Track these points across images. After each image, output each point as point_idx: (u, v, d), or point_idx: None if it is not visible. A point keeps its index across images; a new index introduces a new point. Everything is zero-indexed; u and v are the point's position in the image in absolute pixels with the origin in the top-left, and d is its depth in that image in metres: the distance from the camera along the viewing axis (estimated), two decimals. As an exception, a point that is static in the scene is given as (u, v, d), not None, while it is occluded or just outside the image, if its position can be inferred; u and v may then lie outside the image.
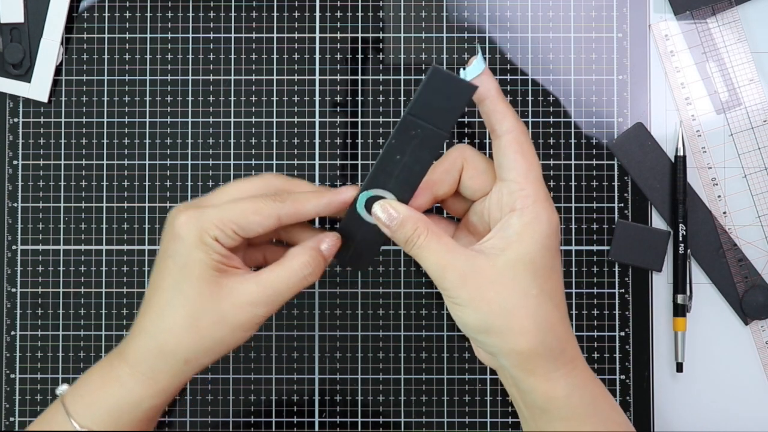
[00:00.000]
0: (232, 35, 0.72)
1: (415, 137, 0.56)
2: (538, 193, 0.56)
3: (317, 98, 0.71)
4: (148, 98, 0.71)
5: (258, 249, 0.61)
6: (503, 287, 0.55)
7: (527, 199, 0.56)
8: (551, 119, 0.71)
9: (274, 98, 0.71)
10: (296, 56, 0.72)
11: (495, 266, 0.55)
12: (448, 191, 0.59)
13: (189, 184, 0.71)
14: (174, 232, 0.56)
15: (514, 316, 0.55)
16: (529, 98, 0.71)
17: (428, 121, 0.56)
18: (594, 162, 0.71)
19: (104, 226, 0.71)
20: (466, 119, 0.71)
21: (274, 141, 0.71)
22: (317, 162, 0.71)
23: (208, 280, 0.55)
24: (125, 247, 0.71)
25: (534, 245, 0.55)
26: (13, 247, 0.71)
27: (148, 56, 0.72)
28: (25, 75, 0.71)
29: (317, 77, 0.72)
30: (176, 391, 0.58)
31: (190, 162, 0.71)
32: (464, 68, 0.57)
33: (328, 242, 0.58)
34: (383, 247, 0.70)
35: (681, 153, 0.70)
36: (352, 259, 0.60)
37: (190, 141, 0.71)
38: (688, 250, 0.70)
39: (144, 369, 0.57)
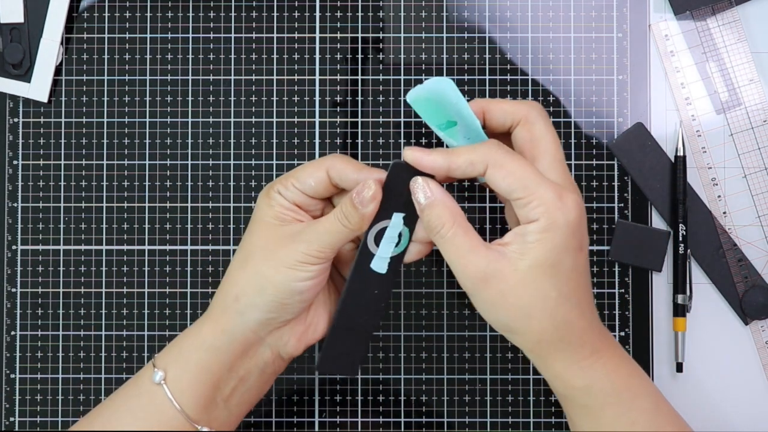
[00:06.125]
0: (232, 35, 0.72)
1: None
2: (546, 198, 0.56)
3: (317, 98, 0.71)
4: (148, 98, 0.71)
5: None
6: (524, 292, 0.56)
7: (538, 209, 0.56)
8: (551, 119, 0.71)
9: (274, 98, 0.71)
10: (296, 56, 0.72)
11: (516, 271, 0.56)
12: (467, 177, 0.59)
13: (189, 184, 0.71)
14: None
15: (533, 318, 0.57)
16: (529, 98, 0.71)
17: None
18: (594, 162, 0.71)
19: (104, 226, 0.71)
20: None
21: (274, 141, 0.71)
22: (317, 162, 0.71)
23: (268, 226, 0.60)
24: (125, 247, 0.71)
25: (553, 250, 0.56)
26: (13, 247, 0.71)
27: (148, 56, 0.72)
28: (25, 75, 0.71)
29: (317, 77, 0.72)
30: (241, 336, 0.60)
31: (190, 162, 0.71)
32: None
33: (360, 188, 0.59)
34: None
35: (681, 153, 0.70)
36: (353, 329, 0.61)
37: (190, 141, 0.71)
38: (688, 250, 0.70)
39: (210, 311, 0.61)
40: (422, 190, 0.58)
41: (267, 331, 0.60)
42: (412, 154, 0.58)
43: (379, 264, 0.60)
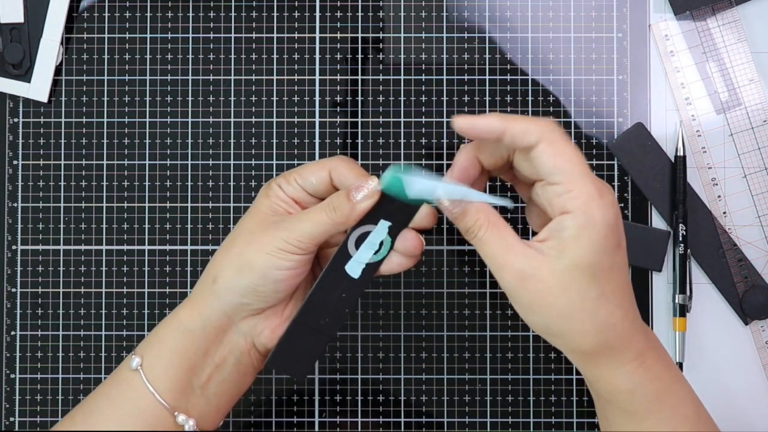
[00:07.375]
0: (232, 35, 0.72)
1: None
2: (587, 191, 0.54)
3: (317, 98, 0.72)
4: (148, 98, 0.72)
5: None
6: (563, 293, 0.54)
7: (577, 200, 0.54)
8: (551, 119, 0.71)
9: (274, 98, 0.71)
10: (296, 56, 0.72)
11: (554, 271, 0.54)
12: (495, 167, 0.59)
13: (189, 184, 0.71)
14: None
15: (574, 320, 0.55)
16: (529, 98, 0.71)
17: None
18: (594, 162, 0.71)
19: (104, 226, 0.71)
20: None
21: (274, 141, 0.71)
22: (317, 162, 0.71)
23: (260, 214, 0.61)
24: (125, 247, 0.71)
25: (591, 249, 0.54)
26: (13, 247, 0.71)
27: (148, 56, 0.72)
28: (25, 75, 0.71)
29: (317, 77, 0.72)
30: (215, 320, 0.60)
31: (190, 162, 0.71)
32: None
33: (361, 183, 0.59)
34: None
35: (681, 153, 0.70)
36: (325, 326, 0.61)
37: (190, 141, 0.71)
38: (688, 250, 0.70)
39: (191, 294, 0.62)
40: (450, 203, 0.57)
41: (240, 317, 0.60)
42: (464, 121, 0.56)
43: (354, 267, 0.60)
